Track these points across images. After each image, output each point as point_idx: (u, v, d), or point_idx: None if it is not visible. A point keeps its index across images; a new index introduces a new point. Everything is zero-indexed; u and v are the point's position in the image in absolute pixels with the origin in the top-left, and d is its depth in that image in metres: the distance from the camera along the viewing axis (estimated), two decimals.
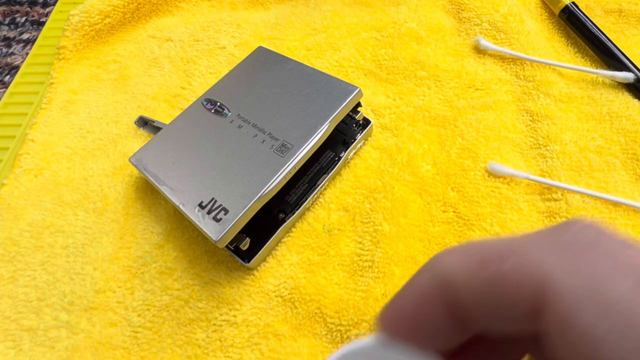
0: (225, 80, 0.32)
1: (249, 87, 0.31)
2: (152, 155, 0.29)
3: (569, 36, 0.34)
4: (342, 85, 0.29)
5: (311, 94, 0.29)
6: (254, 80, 0.31)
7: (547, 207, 0.27)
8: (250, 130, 0.28)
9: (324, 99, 0.29)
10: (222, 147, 0.28)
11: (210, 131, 0.29)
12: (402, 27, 0.35)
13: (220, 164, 0.27)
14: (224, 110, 0.30)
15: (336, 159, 0.30)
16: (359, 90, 0.29)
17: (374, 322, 0.25)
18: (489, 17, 0.35)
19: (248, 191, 0.25)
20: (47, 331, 0.26)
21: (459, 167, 0.29)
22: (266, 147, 0.27)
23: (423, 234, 0.27)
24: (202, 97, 0.31)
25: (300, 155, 0.27)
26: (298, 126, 0.28)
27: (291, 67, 0.31)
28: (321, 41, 0.35)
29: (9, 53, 0.41)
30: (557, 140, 0.29)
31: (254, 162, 0.27)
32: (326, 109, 0.28)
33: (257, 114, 0.29)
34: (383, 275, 0.26)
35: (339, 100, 0.29)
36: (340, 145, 0.30)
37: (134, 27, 0.38)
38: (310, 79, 0.30)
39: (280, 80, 0.31)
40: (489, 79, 0.32)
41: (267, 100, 0.30)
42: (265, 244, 0.27)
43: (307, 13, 0.37)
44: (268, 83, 0.31)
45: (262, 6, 0.39)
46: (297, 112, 0.29)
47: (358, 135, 0.30)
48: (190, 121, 0.30)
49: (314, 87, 0.30)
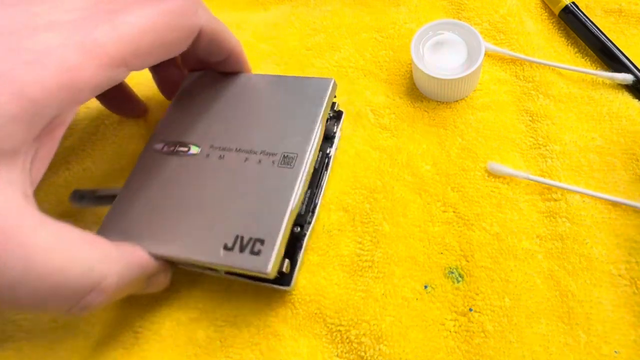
0: (171, 116, 0.28)
1: (206, 114, 0.27)
2: (123, 229, 0.24)
3: (569, 36, 0.34)
4: (315, 81, 0.28)
5: (286, 99, 0.27)
6: (208, 105, 0.28)
7: (547, 207, 0.27)
8: (237, 156, 0.25)
9: (304, 99, 0.27)
10: (212, 185, 0.25)
11: (185, 176, 0.25)
12: (402, 27, 0.35)
13: (222, 202, 0.24)
14: (189, 148, 0.26)
15: (326, 157, 0.28)
16: (333, 81, 0.27)
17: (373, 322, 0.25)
18: (489, 17, 0.35)
19: (275, 213, 0.23)
20: (46, 332, 0.26)
21: (459, 167, 0.29)
22: (267, 166, 0.25)
23: (423, 234, 0.27)
24: (150, 143, 0.27)
25: (309, 160, 0.25)
26: (290, 134, 0.26)
27: (245, 80, 0.29)
28: (321, 41, 0.35)
29: None
30: (557, 141, 0.29)
31: (262, 184, 0.24)
32: (311, 109, 0.26)
33: (235, 138, 0.26)
34: (383, 275, 0.26)
35: (320, 96, 0.27)
36: (324, 142, 0.29)
37: None
38: (276, 85, 0.28)
39: (241, 96, 0.28)
40: (488, 79, 0.32)
41: (239, 120, 0.27)
42: (297, 261, 0.25)
43: (307, 13, 0.37)
44: (228, 103, 0.28)
45: (262, 6, 0.39)
46: (281, 121, 0.26)
47: (336, 128, 0.29)
48: (151, 175, 0.26)
49: (285, 91, 0.28)
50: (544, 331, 0.24)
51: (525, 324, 0.24)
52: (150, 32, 0.21)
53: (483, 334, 0.24)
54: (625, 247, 0.26)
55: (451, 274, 0.26)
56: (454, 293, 0.26)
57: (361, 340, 0.24)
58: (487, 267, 0.26)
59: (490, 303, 0.25)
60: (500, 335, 0.24)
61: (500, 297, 0.25)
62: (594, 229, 0.26)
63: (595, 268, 0.25)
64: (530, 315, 0.25)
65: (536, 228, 0.27)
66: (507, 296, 0.25)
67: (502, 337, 0.24)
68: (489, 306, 0.25)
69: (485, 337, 0.24)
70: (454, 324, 0.25)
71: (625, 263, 0.25)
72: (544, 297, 0.25)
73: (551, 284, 0.25)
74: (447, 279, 0.26)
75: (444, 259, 0.27)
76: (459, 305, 0.25)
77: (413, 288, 0.26)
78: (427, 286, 0.26)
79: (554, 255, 0.26)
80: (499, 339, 0.24)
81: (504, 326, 0.24)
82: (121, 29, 0.20)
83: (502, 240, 0.27)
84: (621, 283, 0.25)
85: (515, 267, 0.26)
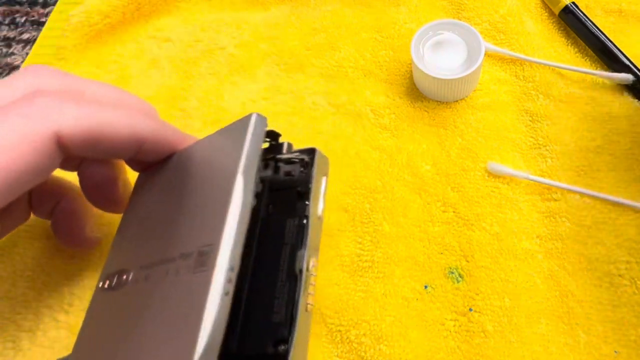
0: (116, 240, 0.23)
1: (141, 225, 0.22)
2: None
3: (569, 36, 0.34)
4: (231, 127, 0.21)
5: (202, 169, 0.20)
6: (141, 213, 0.23)
7: (547, 207, 0.27)
8: (159, 271, 0.19)
9: (219, 159, 0.20)
10: (136, 318, 0.18)
11: (118, 313, 0.20)
12: (402, 27, 0.35)
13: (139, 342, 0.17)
14: (123, 275, 0.20)
15: (304, 222, 0.20)
16: (257, 115, 0.20)
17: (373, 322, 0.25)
18: (489, 17, 0.35)
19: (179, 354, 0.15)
20: (46, 332, 0.26)
21: (459, 167, 0.29)
22: (185, 275, 0.17)
23: (423, 234, 0.27)
24: (98, 281, 0.22)
25: (229, 248, 0.16)
26: (206, 215, 0.18)
27: (172, 163, 0.23)
28: (321, 41, 0.35)
29: (9, 53, 0.41)
30: (557, 141, 0.29)
31: (171, 307, 0.17)
32: (229, 166, 0.18)
33: (159, 247, 0.20)
34: (383, 275, 0.26)
35: (238, 143, 0.19)
36: (298, 202, 0.20)
37: (133, 28, 0.38)
38: (194, 155, 0.22)
39: (166, 187, 0.22)
40: (488, 79, 0.32)
41: (163, 221, 0.21)
42: None
43: (307, 13, 0.37)
44: (156, 202, 0.22)
45: (262, 6, 0.39)
46: (196, 201, 0.19)
47: (313, 171, 0.21)
48: (97, 322, 0.21)
49: (201, 159, 0.21)
50: (544, 331, 0.24)
51: (525, 324, 0.24)
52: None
53: (483, 334, 0.24)
54: (625, 247, 0.26)
55: (451, 274, 0.26)
56: (454, 293, 0.26)
57: (361, 341, 0.24)
58: (487, 267, 0.26)
59: (490, 303, 0.25)
60: (500, 335, 0.24)
61: (500, 297, 0.25)
62: (594, 229, 0.26)
63: (595, 268, 0.25)
64: (530, 315, 0.25)
65: (536, 228, 0.27)
66: (507, 296, 0.25)
67: (502, 337, 0.24)
68: (489, 306, 0.25)
69: (485, 337, 0.24)
70: (454, 324, 0.25)
71: (625, 263, 0.25)
72: (544, 297, 0.25)
73: (551, 284, 0.25)
74: (447, 279, 0.26)
75: (444, 259, 0.27)
76: (459, 305, 0.25)
77: (413, 288, 0.26)
78: (427, 286, 0.26)
79: (554, 255, 0.26)
80: (499, 339, 0.24)
81: (504, 326, 0.24)
82: None
83: (502, 240, 0.27)
84: (621, 283, 0.25)
85: (515, 267, 0.26)
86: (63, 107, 0.19)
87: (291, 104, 0.33)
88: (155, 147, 0.22)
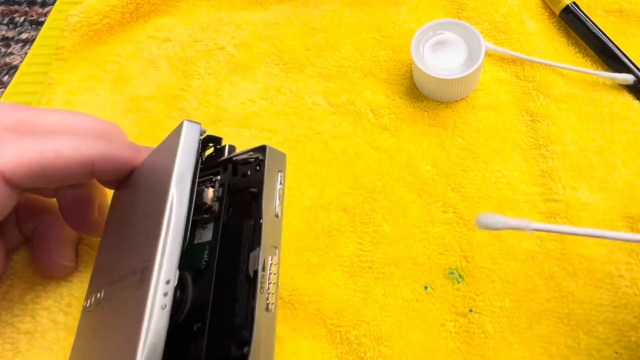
0: (97, 261, 0.23)
1: (110, 246, 0.22)
2: None
3: (570, 36, 0.34)
4: (170, 135, 0.20)
5: (148, 181, 0.20)
6: (113, 234, 0.23)
7: (547, 207, 0.27)
8: (117, 288, 0.19)
9: (157, 170, 0.20)
10: (99, 338, 0.19)
11: (92, 331, 0.20)
12: (402, 27, 0.35)
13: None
14: (98, 294, 0.21)
15: (259, 220, 0.19)
16: (189, 122, 0.20)
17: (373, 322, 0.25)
18: (489, 17, 0.35)
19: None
20: (44, 333, 0.26)
21: (459, 167, 0.29)
22: (131, 292, 0.17)
23: (423, 234, 0.27)
24: (84, 301, 0.22)
25: (163, 263, 0.17)
26: (149, 229, 0.18)
27: (130, 178, 0.23)
28: (321, 41, 0.35)
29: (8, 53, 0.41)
30: (558, 141, 0.29)
31: (121, 325, 0.17)
32: (163, 178, 0.19)
33: (118, 264, 0.20)
34: (383, 276, 0.26)
35: (172, 152, 0.19)
36: (253, 203, 0.20)
37: (132, 28, 0.38)
38: (144, 167, 0.22)
39: (126, 205, 0.22)
40: (488, 79, 0.32)
41: (122, 239, 0.21)
42: None
43: (307, 13, 0.37)
44: (120, 221, 0.22)
45: (261, 6, 0.39)
46: (142, 217, 0.20)
47: (262, 169, 0.20)
48: (79, 338, 0.21)
49: (148, 171, 0.21)
50: (544, 332, 0.24)
51: (526, 325, 0.24)
52: None
53: (483, 334, 0.24)
54: (626, 248, 0.26)
55: (451, 274, 0.26)
56: (454, 294, 0.25)
57: (361, 341, 0.24)
58: (488, 268, 0.26)
59: (490, 304, 0.25)
60: (501, 336, 0.24)
61: (501, 298, 0.25)
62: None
63: (595, 269, 0.25)
64: (530, 316, 0.24)
65: None
66: (507, 297, 0.25)
67: (503, 338, 0.24)
68: (489, 307, 0.25)
69: (486, 338, 0.24)
70: (454, 324, 0.25)
71: (626, 264, 0.25)
72: (545, 298, 0.25)
73: (552, 285, 0.25)
74: (447, 279, 0.26)
75: (444, 260, 0.26)
76: (459, 306, 0.25)
77: (413, 289, 0.26)
78: (427, 287, 0.26)
79: (555, 256, 0.26)
80: (499, 340, 0.24)
81: (504, 327, 0.24)
82: None
83: (502, 240, 0.26)
84: (622, 284, 0.25)
85: (515, 267, 0.26)
86: (3, 145, 0.19)
87: (291, 104, 0.33)
88: (107, 166, 0.22)
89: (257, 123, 0.32)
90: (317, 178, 0.30)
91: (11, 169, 0.19)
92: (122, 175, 0.23)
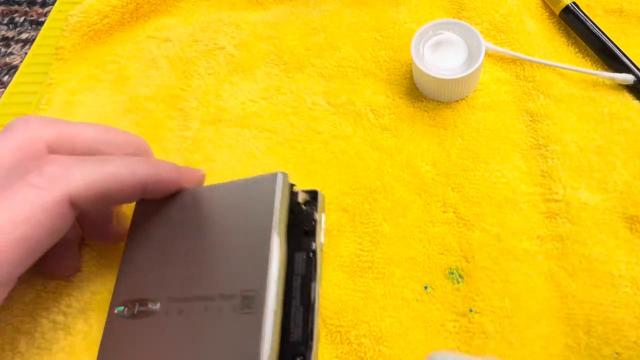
0: (126, 268, 0.25)
1: (160, 256, 0.24)
2: None
3: (570, 36, 0.34)
4: (259, 181, 0.23)
5: (232, 217, 0.23)
6: (160, 244, 0.24)
7: (547, 207, 0.27)
8: (196, 306, 0.21)
9: (251, 210, 0.22)
10: (175, 350, 0.21)
11: (148, 343, 0.22)
12: (402, 27, 0.35)
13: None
14: (148, 307, 0.23)
15: (311, 256, 0.22)
16: (282, 175, 0.23)
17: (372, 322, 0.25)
18: (489, 17, 0.35)
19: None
20: (44, 334, 0.26)
21: (459, 167, 0.29)
22: (228, 314, 0.20)
23: (423, 234, 0.27)
24: (112, 307, 0.24)
25: (273, 294, 0.20)
26: (244, 263, 0.21)
27: (189, 200, 0.25)
28: (321, 41, 0.35)
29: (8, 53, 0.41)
30: (558, 141, 0.29)
31: (225, 340, 0.20)
32: (260, 221, 0.22)
33: (192, 282, 0.22)
34: (383, 276, 0.26)
35: (268, 201, 0.22)
36: (303, 238, 0.23)
37: (132, 28, 0.38)
38: (218, 199, 0.24)
39: (189, 223, 0.24)
40: (488, 79, 0.32)
41: (192, 257, 0.23)
42: None
43: (307, 13, 0.37)
44: (179, 237, 0.24)
45: (261, 6, 0.39)
46: (231, 247, 0.22)
47: (315, 214, 0.23)
48: (118, 347, 0.23)
49: (228, 206, 0.23)
50: (544, 332, 0.24)
51: (526, 325, 0.24)
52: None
53: (483, 334, 0.24)
54: (626, 247, 0.26)
55: (451, 274, 0.26)
56: (454, 294, 0.25)
57: (361, 341, 0.24)
58: (488, 268, 0.26)
59: (490, 304, 0.25)
60: (501, 336, 0.24)
61: (501, 298, 0.25)
62: (595, 229, 0.26)
63: (595, 269, 0.25)
64: (530, 316, 0.24)
65: (536, 229, 0.27)
66: (507, 297, 0.25)
67: (503, 338, 0.24)
68: (489, 307, 0.25)
69: (486, 338, 0.24)
70: (454, 324, 0.25)
71: (626, 263, 0.25)
72: (545, 298, 0.25)
73: (551, 285, 0.25)
74: (447, 279, 0.26)
75: (444, 260, 0.26)
76: (459, 306, 0.25)
77: (413, 289, 0.26)
78: (427, 287, 0.26)
79: (555, 256, 0.26)
80: (499, 340, 0.24)
81: (504, 327, 0.24)
82: None
83: (502, 240, 0.26)
84: (622, 284, 0.25)
85: (515, 267, 0.26)
86: (70, 172, 0.20)
87: (291, 103, 0.33)
88: (156, 188, 0.24)
89: (257, 123, 0.32)
90: (317, 178, 0.30)
91: (79, 195, 0.20)
92: (164, 195, 0.25)
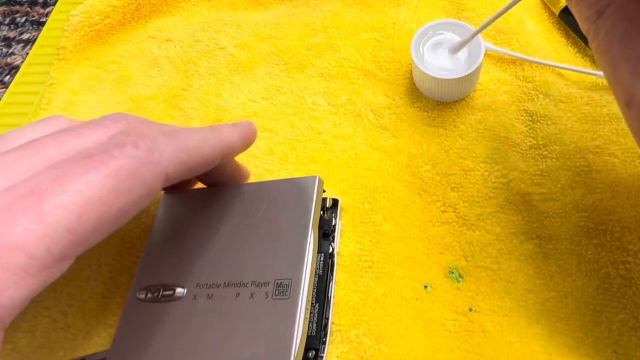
0: (150, 255, 0.25)
1: (187, 246, 0.25)
2: None
3: (569, 36, 0.34)
4: (298, 182, 0.25)
5: (270, 212, 0.24)
6: (188, 234, 0.25)
7: (547, 207, 0.27)
8: (227, 292, 0.23)
9: (289, 209, 0.24)
10: (204, 333, 0.22)
11: (174, 326, 0.23)
12: (402, 27, 0.35)
13: (219, 351, 0.21)
14: (174, 291, 0.23)
15: (329, 259, 0.25)
16: (318, 179, 0.24)
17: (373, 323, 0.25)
18: (489, 17, 0.35)
19: (278, 356, 0.20)
20: (44, 332, 0.26)
21: (459, 167, 0.29)
22: (260, 299, 0.22)
23: (423, 234, 0.27)
24: (132, 291, 0.25)
25: (306, 284, 0.22)
26: (280, 255, 0.23)
27: (224, 195, 0.26)
28: (321, 41, 0.35)
29: (9, 53, 0.41)
30: (557, 141, 0.29)
31: (259, 323, 0.21)
32: (299, 218, 0.23)
33: (221, 270, 0.23)
34: (383, 275, 0.26)
35: (306, 200, 0.24)
36: (323, 240, 0.25)
37: (133, 28, 0.38)
38: (257, 196, 0.25)
39: (222, 217, 0.25)
40: (488, 79, 0.32)
41: (223, 247, 0.24)
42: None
43: (307, 13, 0.37)
44: (209, 229, 0.25)
45: (262, 6, 0.39)
46: (268, 239, 0.23)
47: (335, 220, 0.26)
48: (139, 330, 0.23)
49: (265, 203, 0.25)
50: (543, 331, 0.24)
51: (525, 325, 0.24)
52: (94, 207, 0.17)
53: (483, 334, 0.24)
54: (625, 247, 0.26)
55: (451, 274, 0.26)
56: (454, 293, 0.26)
57: (361, 340, 0.24)
58: (488, 268, 0.26)
59: (490, 303, 0.25)
60: (500, 336, 0.24)
61: (501, 297, 0.25)
62: (594, 229, 0.26)
63: (595, 269, 0.25)
64: (530, 315, 0.24)
65: (536, 229, 0.27)
66: (507, 296, 0.25)
67: (502, 337, 0.24)
68: (489, 306, 0.25)
69: (485, 337, 0.24)
70: (454, 324, 0.25)
71: (625, 264, 0.25)
72: (544, 297, 0.25)
73: (551, 285, 0.25)
74: (447, 279, 0.26)
75: (444, 259, 0.26)
76: (459, 305, 0.25)
77: (413, 288, 0.26)
78: (427, 286, 0.26)
79: (554, 256, 0.26)
80: (499, 339, 0.24)
81: (504, 326, 0.24)
82: (50, 218, 0.16)
83: (502, 240, 0.27)
84: (621, 284, 0.25)
85: (515, 267, 0.26)
86: (159, 145, 0.20)
87: (291, 104, 0.33)
88: (230, 155, 0.24)
89: (257, 123, 0.32)
90: None
91: (172, 169, 0.20)
92: (198, 174, 0.24)
